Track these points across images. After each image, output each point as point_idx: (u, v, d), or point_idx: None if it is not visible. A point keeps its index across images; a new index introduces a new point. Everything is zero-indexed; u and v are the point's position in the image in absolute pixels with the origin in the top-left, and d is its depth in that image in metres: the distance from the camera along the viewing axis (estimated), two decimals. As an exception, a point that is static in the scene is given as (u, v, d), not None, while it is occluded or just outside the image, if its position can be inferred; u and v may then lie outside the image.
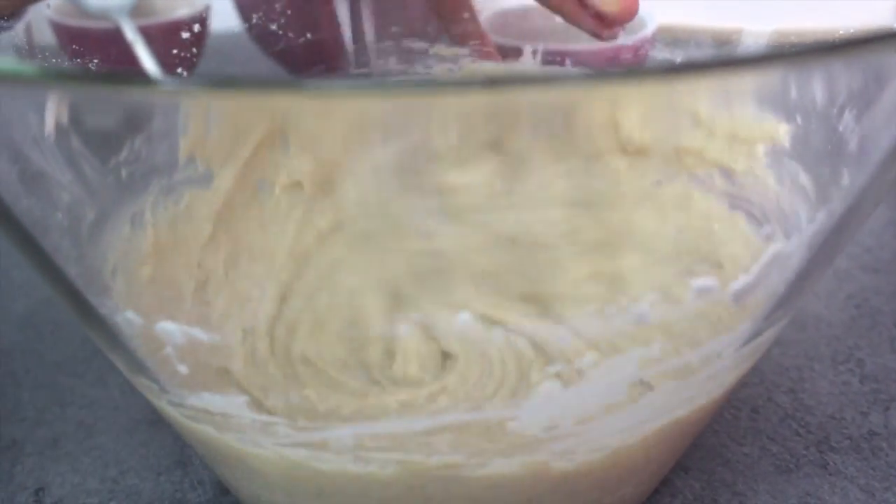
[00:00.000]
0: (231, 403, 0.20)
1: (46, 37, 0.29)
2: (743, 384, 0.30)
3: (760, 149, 0.27)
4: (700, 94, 0.23)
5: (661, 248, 0.25)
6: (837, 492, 0.25)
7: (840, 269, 0.35)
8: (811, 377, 0.30)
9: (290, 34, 0.32)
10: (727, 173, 0.28)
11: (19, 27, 0.28)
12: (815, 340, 0.32)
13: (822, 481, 0.26)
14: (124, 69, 0.28)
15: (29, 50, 0.28)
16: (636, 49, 0.33)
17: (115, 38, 0.28)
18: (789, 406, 0.29)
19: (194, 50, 0.31)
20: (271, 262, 0.26)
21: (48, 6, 0.28)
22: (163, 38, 0.30)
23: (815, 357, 0.31)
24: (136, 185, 0.26)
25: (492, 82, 0.13)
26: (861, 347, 0.31)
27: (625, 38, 0.33)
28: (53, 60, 0.28)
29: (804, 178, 0.25)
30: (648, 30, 0.33)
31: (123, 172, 0.25)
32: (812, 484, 0.26)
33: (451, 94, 0.14)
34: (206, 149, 0.26)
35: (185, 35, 0.31)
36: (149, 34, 0.29)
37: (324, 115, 0.21)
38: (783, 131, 0.26)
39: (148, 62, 0.28)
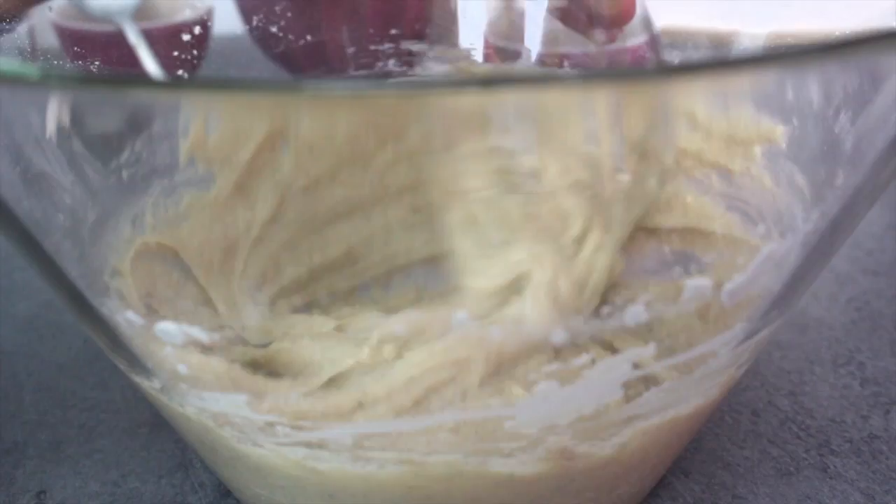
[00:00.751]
0: (230, 402, 0.20)
1: (50, 40, 0.29)
2: (743, 388, 0.30)
3: (757, 150, 0.27)
4: (697, 96, 0.23)
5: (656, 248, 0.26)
6: (837, 495, 0.25)
7: (841, 273, 0.36)
8: (812, 380, 0.30)
9: (291, 36, 0.32)
10: (724, 174, 0.28)
11: (22, 30, 0.28)
12: (816, 343, 0.32)
13: (823, 484, 0.26)
14: (124, 71, 0.28)
15: (32, 53, 0.28)
16: (636, 52, 0.33)
17: (118, 42, 0.28)
18: (790, 409, 0.29)
19: (197, 53, 0.31)
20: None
21: (50, 9, 0.28)
22: (165, 40, 0.30)
23: (815, 360, 0.31)
24: (137, 186, 0.26)
25: (487, 83, 0.13)
26: (862, 350, 0.31)
27: (625, 41, 0.33)
28: (56, 63, 0.28)
29: (800, 179, 0.25)
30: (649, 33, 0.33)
31: (124, 174, 0.25)
32: (812, 487, 0.26)
33: (445, 94, 0.14)
34: (206, 150, 0.26)
35: (188, 38, 0.31)
36: (152, 37, 0.29)
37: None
38: (780, 133, 0.26)
39: (151, 65, 0.28)
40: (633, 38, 0.33)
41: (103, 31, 0.28)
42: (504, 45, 0.34)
